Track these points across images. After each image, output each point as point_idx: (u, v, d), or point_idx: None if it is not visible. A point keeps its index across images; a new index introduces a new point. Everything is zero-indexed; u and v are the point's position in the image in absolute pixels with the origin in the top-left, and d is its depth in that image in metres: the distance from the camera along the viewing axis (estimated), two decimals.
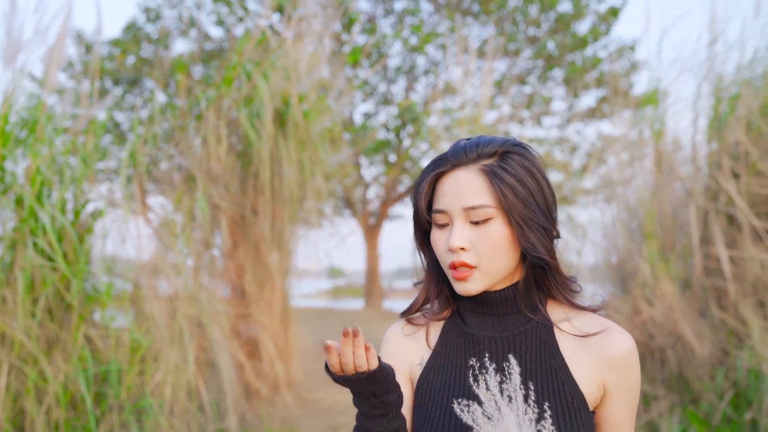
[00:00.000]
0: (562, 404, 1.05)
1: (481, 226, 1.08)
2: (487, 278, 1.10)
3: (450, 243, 1.08)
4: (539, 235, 1.08)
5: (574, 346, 1.10)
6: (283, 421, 4.98)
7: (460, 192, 1.09)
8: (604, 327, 1.11)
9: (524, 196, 1.07)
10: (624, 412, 1.10)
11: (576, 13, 11.80)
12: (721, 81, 5.18)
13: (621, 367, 1.08)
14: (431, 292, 1.20)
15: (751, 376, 4.24)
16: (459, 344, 1.15)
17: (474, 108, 6.67)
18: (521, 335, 1.12)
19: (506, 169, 1.08)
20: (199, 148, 4.70)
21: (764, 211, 4.77)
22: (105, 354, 3.67)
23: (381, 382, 1.01)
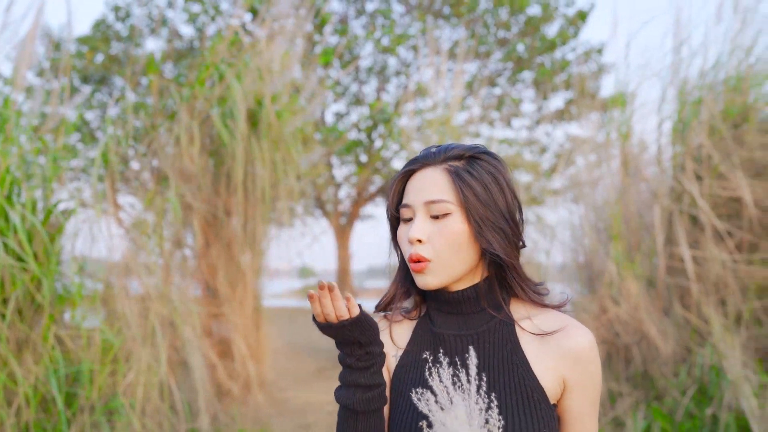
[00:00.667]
0: (523, 398, 1.10)
1: (441, 221, 1.13)
2: (444, 271, 1.14)
3: (409, 234, 1.14)
4: (497, 235, 1.13)
5: (535, 342, 1.15)
6: (255, 421, 4.99)
7: (423, 187, 1.14)
8: (564, 324, 1.15)
9: (485, 198, 1.12)
10: (585, 406, 1.13)
11: (545, 16, 11.95)
12: (685, 85, 5.31)
13: (580, 362, 1.12)
14: (399, 288, 1.25)
15: (713, 372, 4.36)
16: (428, 343, 1.20)
17: (445, 109, 6.73)
18: (484, 333, 1.16)
19: (470, 171, 1.13)
20: (171, 147, 4.69)
21: (725, 212, 4.90)
22: (76, 354, 3.66)
23: (365, 329, 1.07)
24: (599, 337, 4.98)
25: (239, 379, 5.14)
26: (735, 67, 5.13)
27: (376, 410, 1.13)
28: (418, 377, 1.16)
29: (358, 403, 1.11)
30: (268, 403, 5.35)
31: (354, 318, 1.06)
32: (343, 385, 1.13)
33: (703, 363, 4.48)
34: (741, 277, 4.70)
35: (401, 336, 1.24)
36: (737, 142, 4.91)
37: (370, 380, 1.11)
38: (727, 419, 4.07)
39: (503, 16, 11.99)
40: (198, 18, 10.54)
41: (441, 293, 1.20)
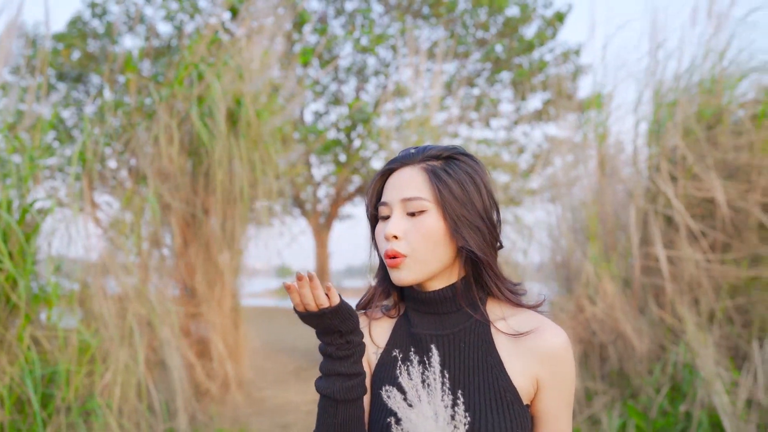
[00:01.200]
0: (496, 399, 1.12)
1: (417, 218, 1.15)
2: (419, 267, 1.15)
3: (386, 230, 1.16)
4: (473, 233, 1.15)
5: (510, 343, 1.16)
6: (234, 420, 4.98)
7: (401, 185, 1.17)
8: (537, 324, 1.16)
9: (461, 196, 1.14)
10: (558, 405, 1.15)
11: (523, 17, 12.03)
12: (660, 87, 5.38)
13: (552, 361, 1.14)
14: (378, 287, 1.26)
15: (686, 370, 4.43)
16: (406, 343, 1.21)
17: (424, 109, 6.76)
18: (461, 333, 1.18)
19: (447, 170, 1.16)
20: (150, 146, 4.66)
21: (699, 212, 4.98)
22: (52, 355, 3.63)
23: (345, 317, 1.10)
24: (576, 336, 5.03)
25: (217, 378, 5.12)
26: (709, 70, 5.21)
27: (355, 399, 1.14)
28: (394, 376, 1.17)
29: (338, 392, 1.12)
30: (246, 403, 5.34)
31: (334, 306, 1.08)
32: (324, 375, 1.14)
33: (676, 361, 4.54)
34: (714, 277, 4.77)
35: (380, 335, 1.26)
36: (711, 144, 4.99)
37: (351, 369, 1.13)
38: (699, 416, 4.13)
39: (482, 16, 12.05)
40: (176, 16, 10.47)
41: (418, 293, 1.21)
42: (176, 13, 10.32)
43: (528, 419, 1.13)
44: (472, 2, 11.76)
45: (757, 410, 4.09)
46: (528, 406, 1.15)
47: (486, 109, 12.00)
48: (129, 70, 5.06)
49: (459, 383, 1.14)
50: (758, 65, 5.08)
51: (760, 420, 4.05)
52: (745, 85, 5.13)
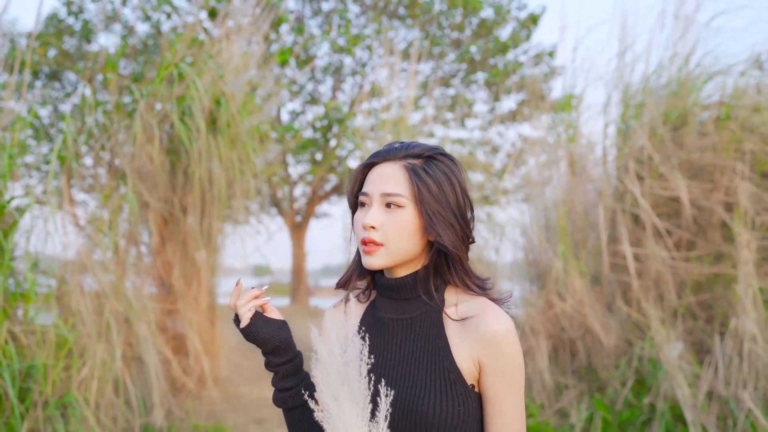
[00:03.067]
0: (441, 378, 1.22)
1: (394, 212, 1.26)
2: (390, 255, 1.27)
3: (364, 220, 1.27)
4: (447, 229, 1.26)
5: (457, 326, 1.27)
6: (209, 416, 5.03)
7: (382, 180, 1.28)
8: (482, 309, 1.26)
9: (437, 194, 1.25)
10: (501, 387, 1.23)
11: (497, 19, 12.17)
12: (628, 89, 5.53)
13: (492, 344, 1.22)
14: (356, 269, 1.39)
15: (651, 364, 4.57)
16: (371, 326, 1.34)
17: (399, 109, 6.85)
18: (418, 318, 1.29)
19: (426, 170, 1.26)
20: (129, 146, 4.70)
21: (665, 211, 5.13)
22: (30, 350, 3.67)
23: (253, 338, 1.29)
24: (545, 332, 5.16)
25: (194, 374, 5.17)
26: (675, 73, 5.36)
27: (292, 408, 1.31)
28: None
29: (275, 401, 1.32)
30: (222, 399, 5.40)
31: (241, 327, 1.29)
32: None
33: (642, 355, 4.69)
34: (679, 274, 4.92)
35: (353, 316, 1.38)
36: (676, 145, 5.14)
37: (277, 384, 1.31)
38: (662, 408, 4.28)
39: (457, 18, 12.17)
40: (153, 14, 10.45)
41: (385, 279, 1.33)
42: (153, 11, 10.32)
43: (472, 398, 1.23)
44: (448, 3, 11.87)
45: (718, 402, 4.24)
46: (473, 386, 1.24)
47: (461, 109, 12.13)
48: (109, 69, 5.09)
49: (410, 364, 1.26)
50: (722, 68, 5.24)
51: (720, 411, 4.20)
52: (709, 88, 5.29)
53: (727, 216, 4.76)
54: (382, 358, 1.29)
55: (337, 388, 1.16)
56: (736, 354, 4.31)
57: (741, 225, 4.56)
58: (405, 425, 1.20)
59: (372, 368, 1.25)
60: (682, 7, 5.43)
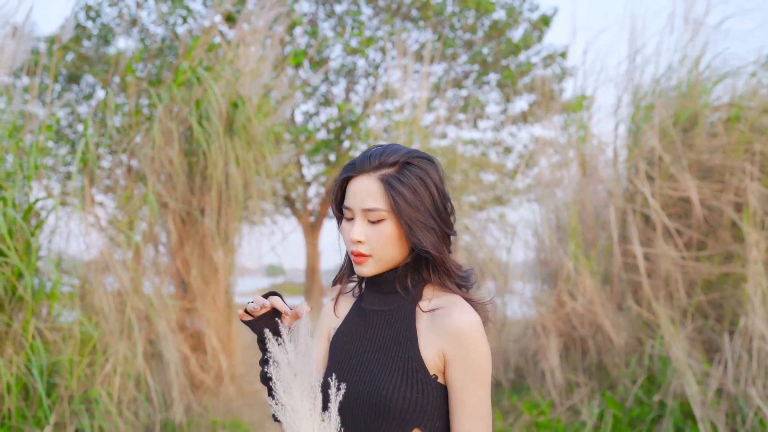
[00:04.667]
0: (404, 367, 1.31)
1: (376, 225, 1.34)
2: (378, 265, 1.37)
3: (350, 235, 1.36)
4: (426, 233, 1.34)
5: (427, 320, 1.35)
6: (226, 412, 5.15)
7: (360, 195, 1.35)
8: (450, 305, 1.34)
9: (413, 201, 1.33)
10: (464, 380, 1.30)
11: (510, 20, 12.24)
12: (638, 91, 5.59)
13: (456, 337, 1.30)
14: (347, 268, 1.50)
15: (661, 362, 4.64)
16: (356, 316, 1.45)
17: (412, 110, 6.94)
18: (395, 310, 1.39)
19: (401, 179, 1.33)
20: (149, 148, 4.83)
21: (675, 211, 5.19)
22: (55, 346, 3.79)
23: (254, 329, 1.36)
24: (556, 330, 5.23)
25: (211, 371, 5.29)
26: (685, 75, 5.42)
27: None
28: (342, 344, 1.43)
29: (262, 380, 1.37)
30: (238, 395, 5.51)
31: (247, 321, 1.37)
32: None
33: (652, 353, 4.76)
34: (689, 273, 4.98)
35: (344, 309, 1.51)
36: (686, 146, 5.20)
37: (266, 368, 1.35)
38: (672, 405, 4.34)
39: (469, 19, 12.24)
40: (169, 18, 10.60)
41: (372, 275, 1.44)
42: (168, 15, 10.46)
43: (432, 387, 1.31)
44: (460, 5, 11.94)
45: (727, 399, 4.30)
46: (436, 377, 1.32)
47: (473, 110, 12.20)
48: (128, 72, 5.22)
49: (380, 351, 1.36)
50: (732, 70, 5.29)
51: (729, 408, 4.27)
52: (719, 90, 5.34)
53: (736, 216, 4.82)
54: (360, 346, 1.39)
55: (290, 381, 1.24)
56: (745, 352, 4.38)
57: (750, 225, 4.62)
58: (367, 408, 1.30)
59: (349, 353, 1.38)
60: (691, 9, 5.49)
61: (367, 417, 1.30)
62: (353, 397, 1.32)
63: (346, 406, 1.30)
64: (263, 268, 22.31)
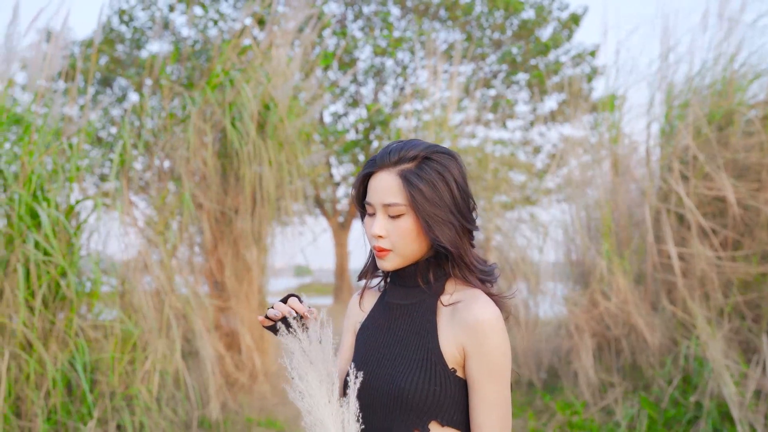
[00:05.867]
0: (423, 359, 1.33)
1: (396, 219, 1.35)
2: (400, 258, 1.38)
3: (371, 231, 1.38)
4: (444, 228, 1.35)
5: (447, 314, 1.37)
6: (261, 410, 5.20)
7: (380, 191, 1.36)
8: (471, 299, 1.35)
9: (432, 197, 1.33)
10: (482, 373, 1.31)
11: (539, 19, 12.18)
12: (672, 90, 5.54)
13: (475, 332, 1.31)
14: (372, 263, 1.51)
15: (697, 363, 4.60)
16: (380, 310, 1.47)
17: (442, 110, 6.95)
18: (417, 303, 1.41)
19: (419, 174, 1.34)
20: (184, 149, 4.90)
21: (710, 210, 5.14)
22: (97, 343, 3.88)
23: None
24: (590, 330, 5.21)
25: (245, 369, 5.36)
26: (720, 73, 5.36)
27: None
28: (366, 336, 1.45)
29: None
30: (272, 394, 5.57)
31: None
32: None
33: (687, 354, 4.71)
34: (725, 273, 4.93)
35: (369, 302, 1.53)
36: (722, 144, 5.14)
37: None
38: (709, 406, 4.31)
39: (498, 19, 12.22)
40: (200, 21, 10.73)
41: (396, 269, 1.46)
42: (200, 19, 10.59)
43: (451, 381, 1.32)
44: (488, 5, 11.92)
45: (765, 400, 4.25)
46: (455, 370, 1.33)
47: (503, 110, 12.17)
48: (162, 76, 5.31)
49: (401, 344, 1.38)
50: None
51: None
52: (755, 87, 5.27)
53: None
54: (382, 339, 1.41)
55: (305, 367, 1.27)
56: None
57: None
58: (386, 399, 1.32)
59: (372, 346, 1.41)
60: (726, 7, 5.43)
61: (386, 408, 1.32)
62: (373, 388, 1.34)
63: (366, 398, 1.33)
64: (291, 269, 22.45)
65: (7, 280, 3.58)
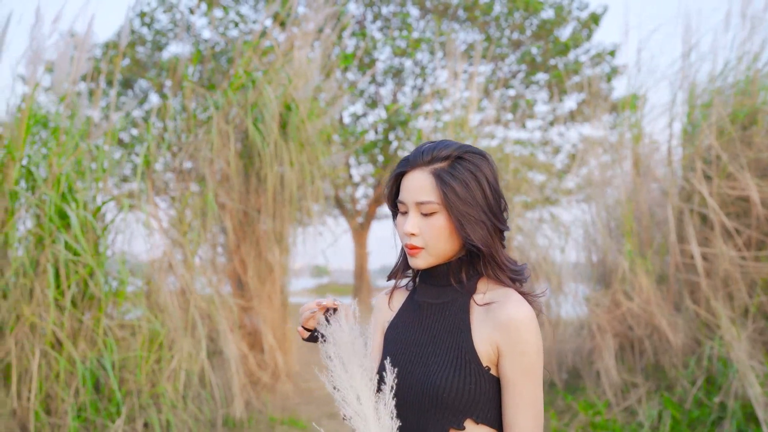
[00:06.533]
0: (457, 357, 1.34)
1: (429, 217, 1.37)
2: (432, 257, 1.40)
3: (404, 229, 1.40)
4: (476, 227, 1.36)
5: (481, 313, 1.38)
6: (284, 409, 5.24)
7: (414, 189, 1.38)
8: (505, 298, 1.37)
9: (464, 196, 1.35)
10: (515, 371, 1.32)
11: (558, 19, 12.15)
12: (694, 89, 5.52)
13: (509, 331, 1.32)
14: (402, 262, 1.53)
15: (721, 363, 4.57)
16: (410, 309, 1.48)
17: (462, 110, 6.96)
18: (449, 303, 1.42)
19: (453, 173, 1.36)
20: (208, 150, 4.96)
21: (734, 210, 5.11)
22: (124, 342, 3.93)
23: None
24: (612, 330, 5.20)
25: (268, 369, 5.40)
26: (743, 72, 5.33)
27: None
28: (396, 335, 1.46)
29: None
30: (294, 393, 5.61)
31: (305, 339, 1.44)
32: None
33: (711, 354, 4.69)
34: (748, 273, 4.90)
35: (398, 301, 1.54)
36: (745, 144, 5.11)
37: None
38: (734, 407, 4.28)
39: (517, 19, 12.19)
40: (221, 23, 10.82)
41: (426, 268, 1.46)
42: (221, 21, 10.68)
43: (485, 379, 1.34)
44: (508, 6, 11.90)
45: None
46: (488, 368, 1.34)
47: (522, 110, 12.14)
48: (185, 78, 5.36)
49: (434, 342, 1.39)
50: None
51: None
52: None
53: None
54: (413, 337, 1.42)
55: (348, 359, 1.28)
56: None
57: None
58: (420, 397, 1.33)
59: (403, 344, 1.41)
60: (749, 6, 5.39)
61: (420, 406, 1.33)
62: (407, 386, 1.35)
63: (400, 396, 1.34)
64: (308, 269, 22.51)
65: (37, 279, 3.65)
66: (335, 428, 5.00)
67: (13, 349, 3.48)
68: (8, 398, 3.49)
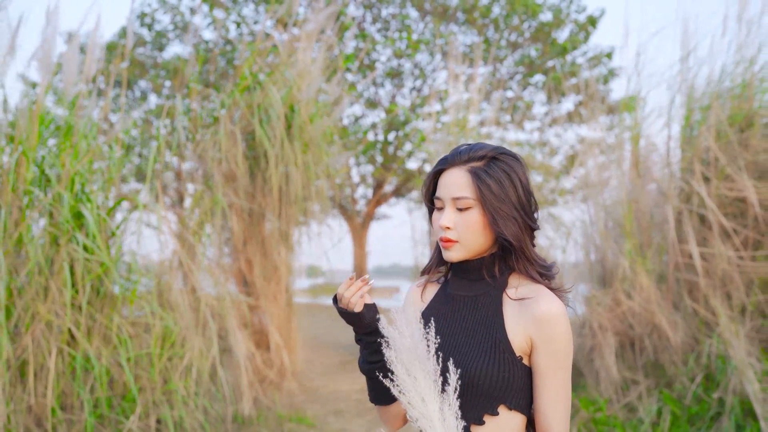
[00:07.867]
0: (492, 346, 1.42)
1: (464, 212, 1.46)
2: (465, 250, 1.48)
3: (440, 222, 1.48)
4: (508, 223, 1.45)
5: (514, 306, 1.46)
6: (290, 407, 5.32)
7: (450, 185, 1.47)
8: (537, 294, 1.45)
9: (499, 193, 1.44)
10: (547, 364, 1.41)
11: (556, 22, 12.25)
12: (692, 92, 5.61)
13: (542, 324, 1.41)
14: (437, 257, 1.61)
15: (719, 360, 4.67)
16: (442, 301, 1.57)
17: (462, 111, 7.04)
18: (481, 296, 1.50)
19: (488, 171, 1.45)
20: (216, 150, 5.03)
21: (731, 211, 5.21)
22: (138, 339, 4.01)
23: (357, 321, 1.47)
24: (613, 329, 5.29)
25: (274, 367, 5.48)
26: (740, 76, 5.43)
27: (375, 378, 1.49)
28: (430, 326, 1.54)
29: (365, 371, 1.52)
30: (300, 391, 5.69)
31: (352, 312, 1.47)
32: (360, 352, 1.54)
33: (710, 352, 4.79)
34: (746, 272, 5.00)
35: (430, 293, 1.63)
36: (743, 146, 5.21)
37: (369, 357, 1.50)
38: (732, 402, 4.38)
39: (515, 21, 12.29)
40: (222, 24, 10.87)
41: (459, 262, 1.54)
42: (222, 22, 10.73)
43: (518, 368, 1.42)
44: (508, 9, 12.00)
45: None
46: (521, 358, 1.43)
47: (520, 111, 12.24)
48: (192, 80, 5.44)
49: (468, 333, 1.47)
50: None
51: None
52: None
53: None
54: (446, 328, 1.50)
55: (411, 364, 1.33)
56: None
57: None
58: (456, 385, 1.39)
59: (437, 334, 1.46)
60: (746, 10, 5.49)
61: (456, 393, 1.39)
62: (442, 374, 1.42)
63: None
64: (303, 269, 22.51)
65: (52, 278, 3.72)
66: (341, 426, 5.09)
67: (30, 347, 3.55)
68: (25, 394, 3.56)
